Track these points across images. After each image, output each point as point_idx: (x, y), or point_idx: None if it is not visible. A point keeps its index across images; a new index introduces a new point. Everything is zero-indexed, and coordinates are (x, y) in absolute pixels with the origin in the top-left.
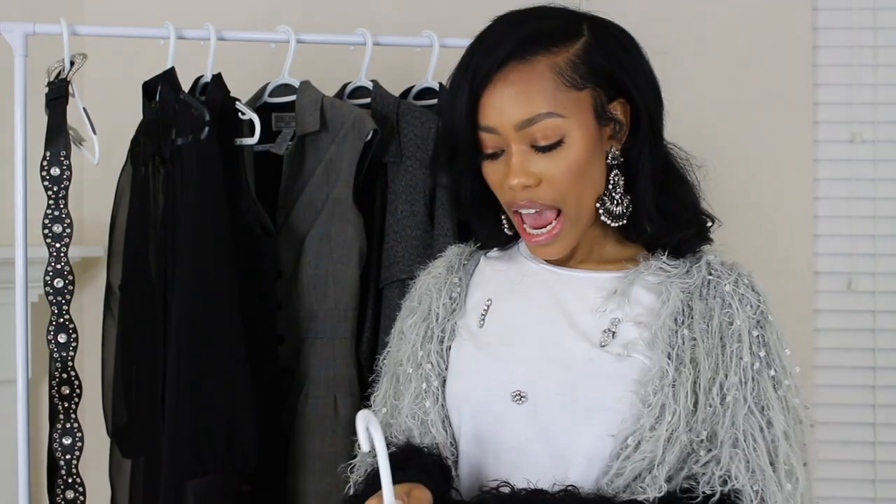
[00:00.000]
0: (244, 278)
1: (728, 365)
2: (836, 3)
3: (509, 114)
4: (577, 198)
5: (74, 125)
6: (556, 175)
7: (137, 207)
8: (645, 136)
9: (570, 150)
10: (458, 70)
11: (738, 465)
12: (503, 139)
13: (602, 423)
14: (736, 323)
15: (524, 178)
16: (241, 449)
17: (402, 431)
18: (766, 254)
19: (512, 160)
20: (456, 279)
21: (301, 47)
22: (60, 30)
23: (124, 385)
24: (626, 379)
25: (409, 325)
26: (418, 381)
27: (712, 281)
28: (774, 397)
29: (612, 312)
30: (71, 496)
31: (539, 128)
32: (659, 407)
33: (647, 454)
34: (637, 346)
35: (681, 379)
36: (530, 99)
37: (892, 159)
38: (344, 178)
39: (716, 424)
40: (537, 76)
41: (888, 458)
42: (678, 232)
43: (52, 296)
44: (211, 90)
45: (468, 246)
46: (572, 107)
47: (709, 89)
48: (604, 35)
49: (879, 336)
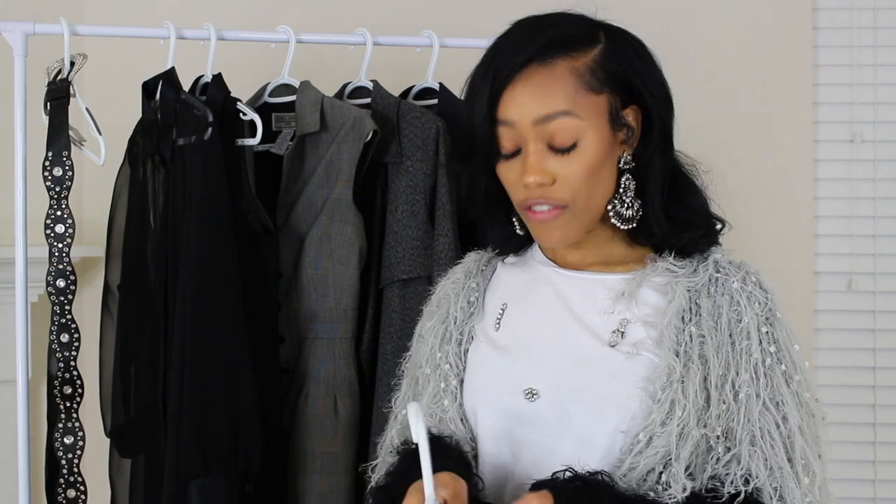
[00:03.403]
0: (245, 278)
1: (739, 362)
2: (836, 3)
3: (528, 108)
4: (587, 198)
5: (75, 125)
6: (570, 175)
7: (136, 207)
8: (657, 143)
9: (585, 152)
10: (479, 70)
11: (758, 463)
12: (520, 136)
13: (613, 419)
14: (745, 320)
15: (540, 176)
16: (244, 449)
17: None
18: (767, 254)
19: (528, 158)
20: (473, 284)
21: (301, 47)
22: (60, 30)
23: (122, 385)
24: (636, 376)
25: (428, 328)
26: (437, 381)
27: (720, 279)
28: (788, 393)
29: (621, 313)
30: (72, 495)
31: (556, 126)
32: (668, 403)
33: (659, 449)
34: (645, 344)
35: (689, 375)
36: (550, 96)
37: (892, 159)
38: (344, 179)
39: (731, 421)
40: (557, 77)
41: (888, 458)
42: (686, 235)
43: (55, 296)
44: (211, 90)
45: (487, 252)
46: (589, 110)
47: (708, 90)
48: (620, 42)
49: (879, 336)
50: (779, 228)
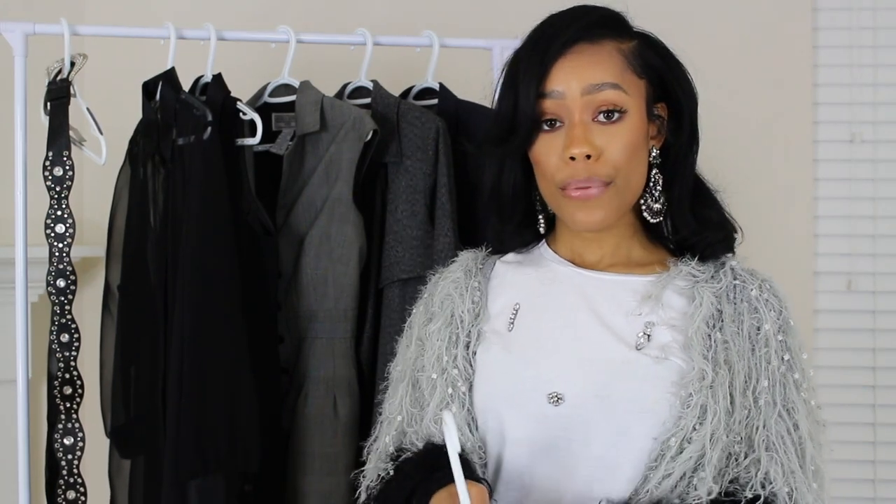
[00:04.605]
0: (245, 278)
1: (759, 368)
2: (836, 3)
3: (578, 78)
4: (627, 175)
5: (75, 125)
6: (615, 149)
7: (136, 207)
8: (687, 139)
9: (629, 126)
10: (526, 48)
11: (775, 468)
12: (566, 107)
13: (642, 424)
14: (764, 327)
15: (587, 147)
16: (243, 449)
17: (421, 438)
18: (767, 254)
19: (574, 130)
20: (475, 283)
21: (301, 47)
22: (60, 30)
23: (123, 385)
24: (664, 381)
25: (433, 331)
26: (444, 387)
27: (738, 286)
28: (799, 400)
29: (647, 316)
30: (72, 496)
31: (604, 96)
32: (699, 408)
33: (693, 454)
34: (672, 349)
35: (718, 380)
36: (600, 68)
37: (892, 159)
38: (344, 178)
39: (750, 427)
40: (606, 54)
41: (888, 458)
42: (710, 234)
43: (55, 296)
44: (211, 90)
45: (480, 251)
46: (633, 89)
47: (708, 90)
48: (653, 40)
49: (879, 336)
50: (779, 228)
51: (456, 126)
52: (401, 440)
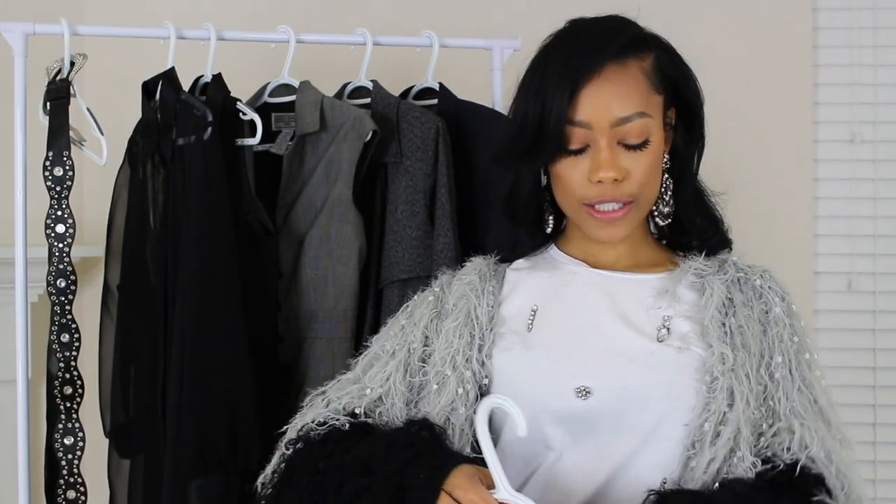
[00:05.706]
0: (245, 278)
1: (772, 347)
2: (836, 3)
3: (608, 110)
4: (650, 192)
5: (75, 125)
6: (639, 171)
7: (136, 207)
8: (697, 144)
9: (653, 148)
10: (555, 62)
11: (809, 434)
12: (593, 135)
13: (672, 413)
14: (774, 310)
15: (615, 172)
16: (243, 448)
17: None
18: (767, 253)
19: (601, 155)
20: (490, 287)
21: (301, 47)
22: (60, 30)
23: (122, 385)
24: (688, 369)
25: (449, 329)
26: (455, 385)
27: (742, 277)
28: (813, 377)
29: (664, 310)
30: (73, 496)
31: (632, 126)
32: (726, 391)
33: (731, 434)
34: (691, 338)
35: (738, 361)
36: (628, 98)
37: (892, 159)
38: (344, 178)
39: (770, 400)
40: (632, 77)
41: (888, 458)
42: (710, 232)
43: (55, 296)
44: (211, 90)
45: (490, 258)
46: (654, 109)
47: (708, 90)
48: (668, 49)
49: (879, 336)
50: (779, 228)
51: (456, 126)
52: (377, 410)
